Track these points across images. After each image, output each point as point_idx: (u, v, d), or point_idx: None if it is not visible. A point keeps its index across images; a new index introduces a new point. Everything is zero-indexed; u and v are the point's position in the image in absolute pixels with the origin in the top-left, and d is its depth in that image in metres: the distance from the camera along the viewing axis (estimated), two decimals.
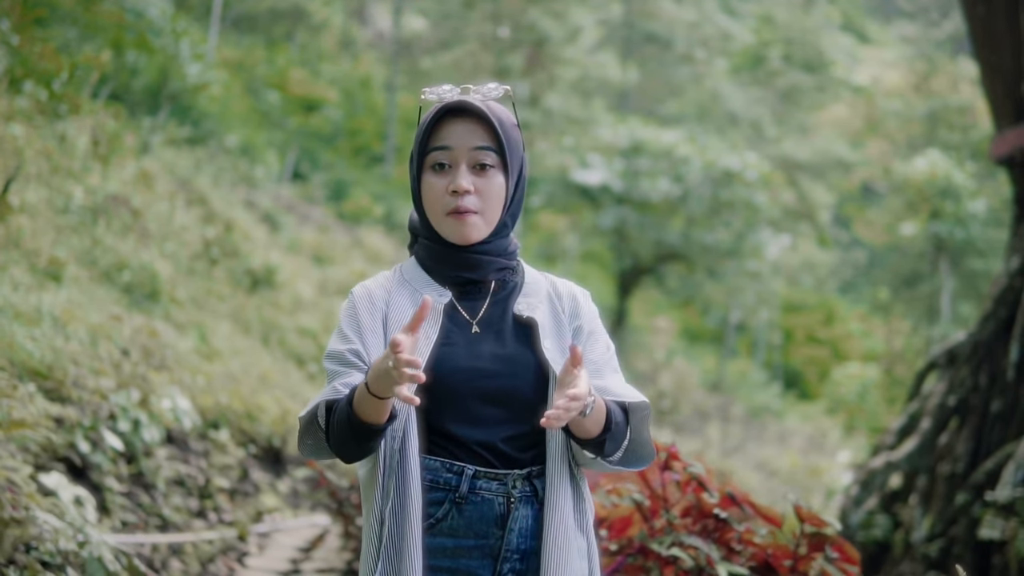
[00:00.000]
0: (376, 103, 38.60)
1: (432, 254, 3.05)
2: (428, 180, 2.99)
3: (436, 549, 2.90)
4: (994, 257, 35.13)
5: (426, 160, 3.00)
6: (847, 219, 48.70)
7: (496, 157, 3.00)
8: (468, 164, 2.98)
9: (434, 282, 3.05)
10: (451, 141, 2.98)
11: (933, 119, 40.54)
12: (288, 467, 11.49)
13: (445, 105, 3.01)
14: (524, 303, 3.05)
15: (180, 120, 21.30)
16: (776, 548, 4.46)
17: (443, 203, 2.97)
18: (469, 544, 2.92)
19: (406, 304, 2.98)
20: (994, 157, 14.45)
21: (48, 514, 5.14)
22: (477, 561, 2.93)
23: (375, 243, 25.43)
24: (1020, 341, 12.93)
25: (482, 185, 2.98)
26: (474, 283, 3.05)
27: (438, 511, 2.90)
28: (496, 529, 2.92)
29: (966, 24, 14.86)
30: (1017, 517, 11.13)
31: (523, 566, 2.95)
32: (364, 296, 3.03)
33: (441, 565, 2.91)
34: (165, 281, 12.56)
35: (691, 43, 45.17)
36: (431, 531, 2.89)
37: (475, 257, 3.02)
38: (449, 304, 3.01)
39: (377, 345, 2.93)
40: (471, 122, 3.00)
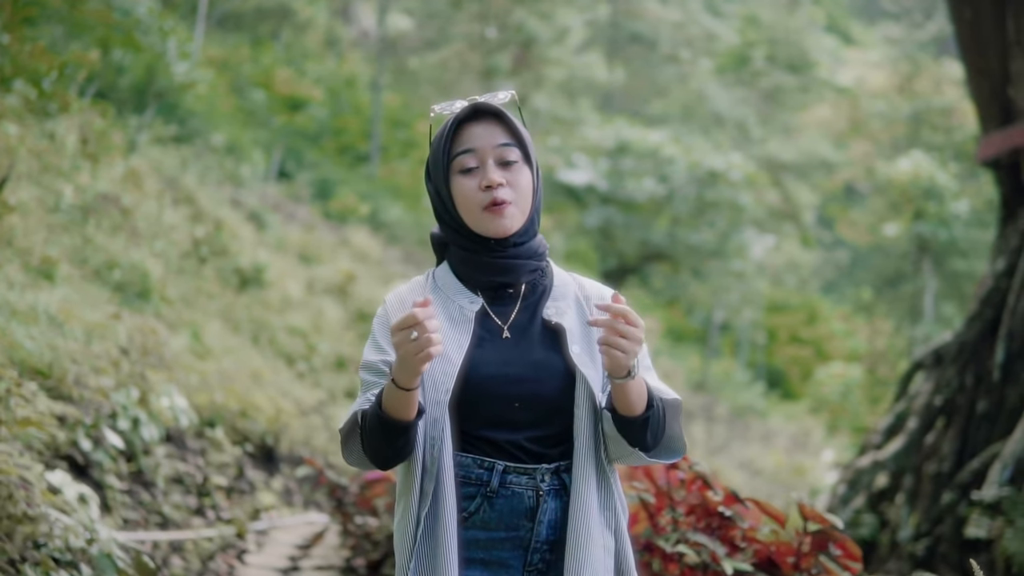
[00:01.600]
0: (361, 102, 38.57)
1: (466, 261, 3.13)
2: (459, 183, 3.09)
3: (470, 541, 3.00)
4: (977, 258, 35.25)
5: (453, 166, 3.10)
6: (830, 219, 48.80)
7: (519, 152, 3.10)
8: (495, 161, 3.07)
9: (466, 289, 3.13)
10: (474, 143, 3.08)
11: (917, 120, 40.64)
12: (281, 465, 11.54)
13: (462, 111, 3.12)
14: (553, 308, 3.13)
15: (166, 118, 21.27)
16: (779, 545, 4.52)
17: (478, 200, 3.05)
18: (500, 536, 3.02)
19: (439, 311, 3.06)
20: (981, 160, 14.53)
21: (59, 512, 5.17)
22: (509, 552, 3.03)
23: (361, 242, 25.44)
24: (1006, 342, 13.01)
25: (511, 178, 3.07)
26: (505, 287, 3.14)
27: (471, 505, 3.00)
28: (526, 521, 3.02)
29: (952, 27, 14.93)
30: (1003, 516, 11.20)
31: (552, 556, 3.04)
32: (397, 304, 3.13)
33: (475, 556, 3.01)
34: (155, 280, 12.58)
35: (676, 43, 45.27)
36: (464, 524, 3.00)
37: (509, 262, 3.11)
38: (481, 310, 3.10)
39: None
40: (489, 123, 3.12)
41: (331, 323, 17.70)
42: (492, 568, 3.03)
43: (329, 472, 8.18)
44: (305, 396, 13.90)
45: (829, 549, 4.47)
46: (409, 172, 37.30)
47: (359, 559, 7.95)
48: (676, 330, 42.48)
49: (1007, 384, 13.00)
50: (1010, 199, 14.14)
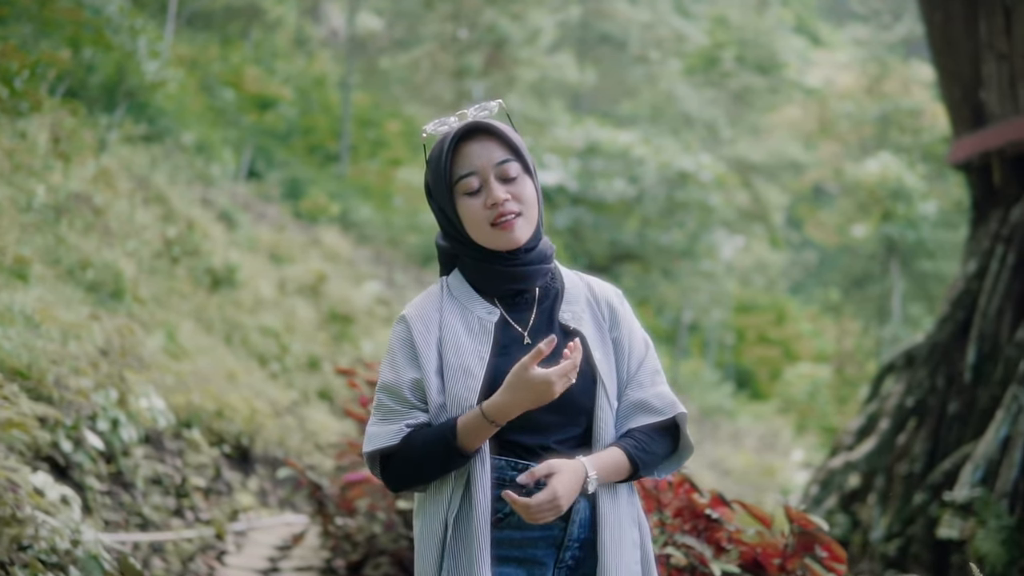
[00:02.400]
0: (330, 101, 38.51)
1: (481, 271, 3.25)
2: (465, 204, 3.18)
3: (505, 541, 3.12)
4: (944, 259, 35.45)
5: (456, 189, 3.20)
6: (799, 220, 48.99)
7: (519, 166, 3.20)
8: (497, 178, 3.17)
9: (481, 297, 3.23)
10: (474, 164, 3.18)
11: (885, 121, 40.82)
12: (256, 466, 11.52)
13: (456, 131, 3.19)
14: (569, 312, 3.26)
15: (136, 117, 21.18)
16: (765, 547, 4.55)
17: (485, 217, 3.16)
18: (535, 535, 3.13)
19: (458, 325, 3.19)
20: (952, 162, 14.63)
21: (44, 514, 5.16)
22: (542, 550, 3.14)
23: (332, 242, 25.39)
24: (977, 343, 13.10)
25: (515, 191, 3.18)
26: (520, 293, 3.24)
27: (506, 507, 3.09)
28: (560, 521, 3.12)
29: (924, 30, 15.03)
30: (975, 517, 11.28)
31: (582, 554, 3.16)
32: (418, 320, 3.22)
33: (510, 555, 3.12)
34: (128, 280, 12.53)
35: (645, 44, 45.37)
36: (500, 524, 3.11)
37: (523, 269, 3.22)
38: (500, 319, 3.20)
39: (432, 369, 3.13)
40: (485, 140, 3.20)
41: (303, 323, 17.67)
42: (526, 565, 3.14)
43: (310, 474, 8.18)
44: (278, 397, 13.88)
45: (815, 551, 4.50)
46: (378, 172, 37.26)
47: (339, 560, 7.95)
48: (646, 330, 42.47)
49: (978, 385, 13.10)
50: (981, 202, 14.24)
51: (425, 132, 3.28)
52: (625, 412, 3.27)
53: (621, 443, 3.20)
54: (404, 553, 7.09)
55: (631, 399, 3.27)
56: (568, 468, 3.03)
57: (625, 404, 3.27)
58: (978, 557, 11.05)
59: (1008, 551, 10.99)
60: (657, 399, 3.28)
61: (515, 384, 3.00)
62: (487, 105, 3.30)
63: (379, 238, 30.40)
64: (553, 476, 3.01)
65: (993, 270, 13.24)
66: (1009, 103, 13.52)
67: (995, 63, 13.76)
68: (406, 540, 7.05)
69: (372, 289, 23.47)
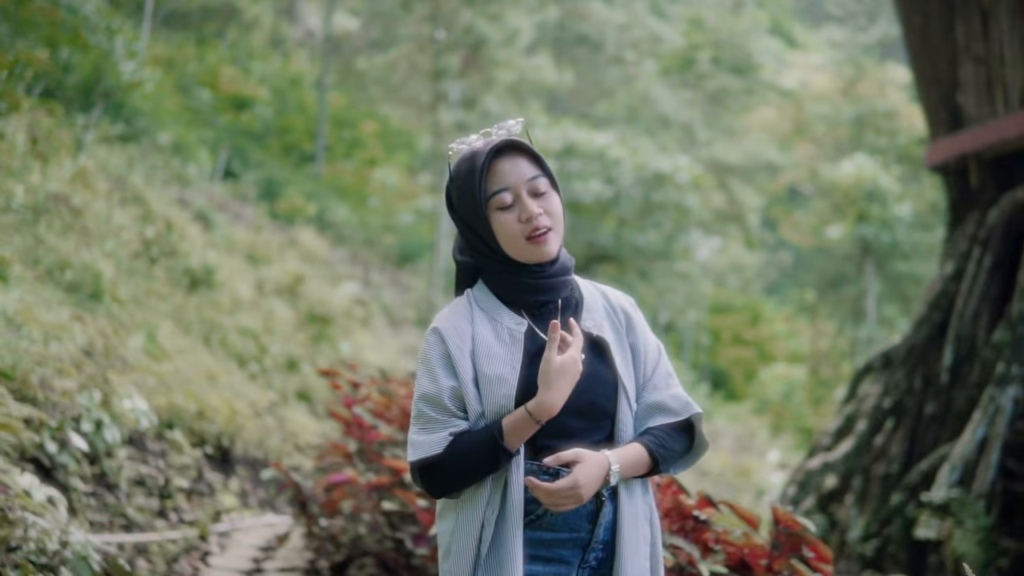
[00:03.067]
0: (306, 102, 38.43)
1: (508, 284, 3.40)
2: (499, 219, 3.34)
3: (536, 541, 3.28)
4: (919, 260, 35.57)
5: (490, 204, 3.34)
6: (774, 221, 49.09)
7: (547, 181, 3.37)
8: (528, 193, 3.33)
9: (508, 308, 3.39)
10: (507, 181, 3.34)
11: (860, 123, 40.93)
12: (236, 467, 11.51)
13: (489, 151, 3.33)
14: (591, 320, 3.45)
15: (113, 118, 21.10)
16: (752, 548, 4.59)
17: (519, 231, 3.32)
18: (564, 537, 3.30)
19: (488, 335, 3.35)
20: (929, 165, 14.69)
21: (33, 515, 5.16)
22: (569, 551, 3.31)
23: (309, 242, 25.36)
24: (954, 345, 13.18)
25: (545, 205, 3.35)
26: (545, 303, 3.40)
27: (538, 509, 3.26)
28: (587, 523, 3.31)
29: (902, 34, 15.09)
30: (952, 517, 11.34)
31: (604, 554, 3.33)
32: (452, 332, 3.36)
33: (538, 555, 3.27)
34: (107, 280, 12.50)
35: (621, 45, 45.38)
36: (531, 526, 3.27)
37: (549, 281, 3.39)
38: (528, 330, 3.35)
39: (468, 378, 3.28)
40: (514, 157, 3.37)
41: (281, 324, 17.65)
42: (553, 564, 3.29)
43: (295, 475, 8.20)
44: (258, 397, 13.87)
45: (802, 551, 4.54)
46: (354, 172, 37.20)
47: (323, 561, 7.97)
48: None
49: (955, 387, 13.18)
50: (958, 204, 14.32)
51: (451, 149, 3.45)
52: (643, 413, 3.44)
53: (642, 439, 3.37)
54: (388, 554, 7.11)
55: (648, 401, 3.45)
56: (592, 459, 3.21)
57: (643, 406, 3.45)
58: (955, 557, 11.11)
59: (985, 551, 11.07)
60: (673, 400, 3.46)
61: (549, 378, 3.18)
62: (510, 124, 3.46)
63: (355, 239, 30.38)
64: (577, 464, 3.18)
65: (970, 272, 13.32)
66: (986, 106, 13.60)
67: (972, 66, 13.84)
68: (391, 541, 7.08)
69: (349, 290, 23.46)
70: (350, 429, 8.13)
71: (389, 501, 6.76)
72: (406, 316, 27.42)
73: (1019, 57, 13.12)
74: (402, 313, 27.34)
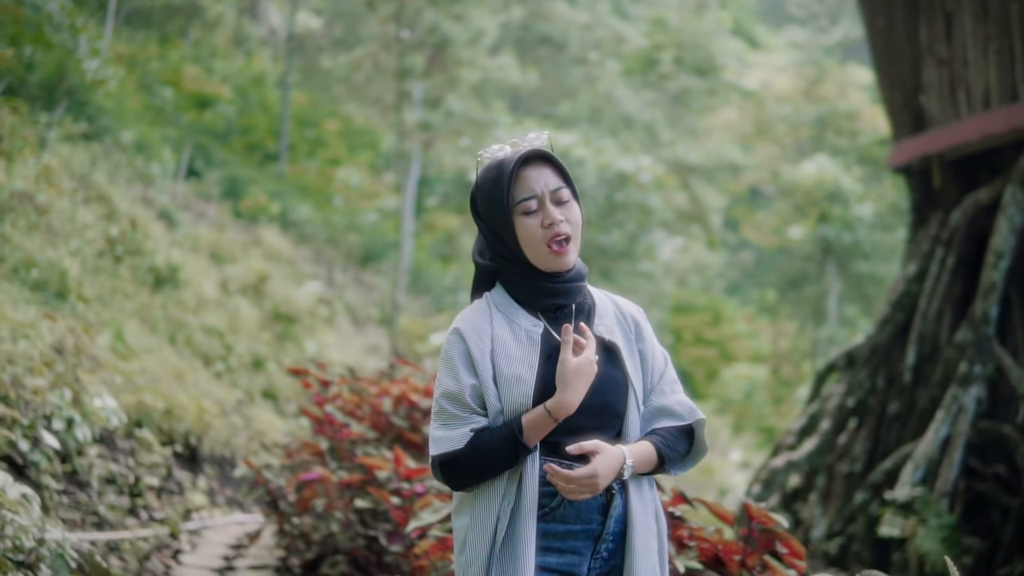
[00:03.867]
0: (269, 100, 38.34)
1: (527, 288, 3.57)
2: (523, 224, 3.50)
3: (549, 533, 3.43)
4: (880, 260, 35.77)
5: (516, 210, 3.51)
6: (735, 222, 49.24)
7: (569, 192, 3.56)
8: (552, 202, 3.51)
9: (525, 311, 3.55)
10: (533, 188, 3.51)
11: (821, 124, 41.16)
12: (203, 466, 11.51)
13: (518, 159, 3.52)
14: (603, 325, 3.62)
15: (76, 116, 21.00)
16: (725, 544, 4.65)
17: (542, 236, 3.48)
18: (576, 529, 3.45)
19: (507, 336, 3.51)
20: (892, 166, 14.80)
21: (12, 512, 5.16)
22: (581, 542, 3.46)
23: (273, 241, 25.31)
24: (917, 344, 13.29)
25: (567, 214, 3.52)
26: (560, 307, 3.56)
27: (552, 502, 3.42)
28: (599, 516, 3.46)
29: (866, 36, 15.20)
30: (916, 515, 11.44)
31: (615, 546, 3.49)
32: (472, 332, 3.52)
33: (552, 546, 3.43)
34: (72, 279, 12.46)
35: (584, 45, 45.44)
36: (545, 518, 3.43)
37: (565, 286, 3.56)
38: (544, 331, 3.51)
39: (488, 377, 3.45)
40: (541, 167, 3.55)
41: (247, 323, 17.63)
42: (566, 555, 3.45)
43: (267, 473, 8.22)
44: (224, 396, 13.86)
45: (775, 547, 4.60)
46: (317, 171, 37.15)
47: (294, 559, 7.99)
48: None
49: (918, 386, 13.29)
50: (921, 205, 14.43)
51: (480, 157, 3.65)
52: (649, 416, 3.62)
53: (651, 438, 3.55)
54: (360, 552, 7.14)
55: (655, 405, 3.63)
56: (610, 452, 3.38)
57: (649, 409, 3.62)
58: (919, 555, 11.21)
59: (948, 549, 11.16)
60: (679, 405, 3.63)
61: (567, 378, 3.36)
62: (531, 137, 3.63)
63: (318, 238, 30.34)
64: (597, 455, 3.34)
65: (933, 272, 13.43)
66: (949, 108, 13.72)
67: (936, 68, 13.96)
68: (363, 539, 7.11)
69: (313, 289, 23.44)
70: (321, 427, 8.17)
71: (361, 499, 6.78)
72: (369, 315, 27.41)
73: (982, 59, 13.24)
74: (365, 312, 27.33)
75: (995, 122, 12.86)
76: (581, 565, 3.46)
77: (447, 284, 35.05)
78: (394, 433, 7.81)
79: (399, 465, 6.36)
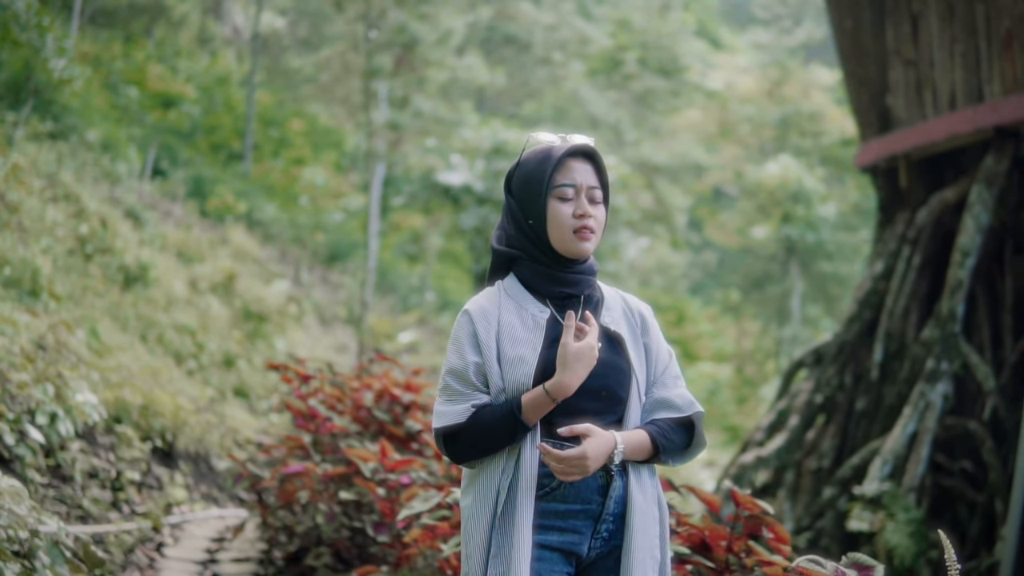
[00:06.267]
0: (234, 100, 38.26)
1: (538, 274, 3.75)
2: (556, 207, 3.70)
3: (549, 512, 3.57)
4: (843, 260, 35.98)
5: (553, 193, 3.71)
6: (699, 221, 49.41)
7: (602, 194, 3.79)
8: (586, 197, 3.73)
9: (534, 298, 3.71)
10: (575, 179, 3.73)
11: (785, 125, 41.35)
12: (179, 462, 11.54)
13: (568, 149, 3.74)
14: (609, 317, 3.80)
15: (42, 115, 20.95)
16: (712, 529, 4.75)
17: (571, 224, 3.68)
18: (576, 508, 3.59)
19: (514, 319, 3.68)
20: (859, 166, 14.95)
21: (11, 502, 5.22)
22: (581, 522, 3.60)
23: (240, 240, 25.29)
24: (884, 342, 13.44)
25: (597, 213, 3.74)
26: (568, 297, 3.73)
27: (552, 482, 3.57)
28: (598, 496, 3.60)
29: (833, 37, 15.34)
30: (884, 510, 11.58)
31: (615, 527, 3.63)
32: (480, 314, 3.70)
33: (553, 524, 3.57)
34: (44, 277, 12.46)
35: (549, 46, 45.50)
36: (545, 498, 3.57)
37: (575, 276, 3.75)
38: (550, 317, 3.67)
39: (492, 357, 3.61)
40: (584, 163, 3.77)
41: (217, 321, 17.64)
42: (567, 534, 3.58)
43: (251, 466, 8.29)
44: (196, 394, 13.89)
45: (761, 533, 4.71)
46: (282, 171, 37.10)
47: (277, 551, 8.06)
48: None
49: (885, 383, 13.44)
50: (888, 204, 14.59)
51: (529, 139, 3.85)
52: (650, 407, 3.77)
53: (647, 427, 3.69)
54: (343, 543, 7.22)
55: (656, 396, 3.78)
56: (601, 435, 3.51)
57: (650, 400, 3.77)
58: (887, 549, 11.36)
59: (916, 543, 11.32)
60: (679, 398, 3.78)
61: (567, 360, 3.51)
62: (587, 138, 3.82)
63: (284, 237, 30.31)
64: (588, 438, 3.48)
65: (899, 271, 13.58)
66: (915, 108, 13.88)
67: (902, 69, 14.12)
68: (347, 531, 7.19)
69: (281, 288, 23.45)
70: (303, 421, 8.25)
71: (346, 491, 6.86)
72: (337, 314, 27.42)
73: (948, 60, 13.40)
74: (332, 311, 27.34)
75: (961, 122, 13.01)
76: (582, 544, 3.59)
77: (413, 284, 35.09)
78: (377, 426, 7.90)
79: (385, 457, 6.44)
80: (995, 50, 12.70)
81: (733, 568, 4.70)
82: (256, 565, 8.20)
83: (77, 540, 5.91)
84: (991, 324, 12.92)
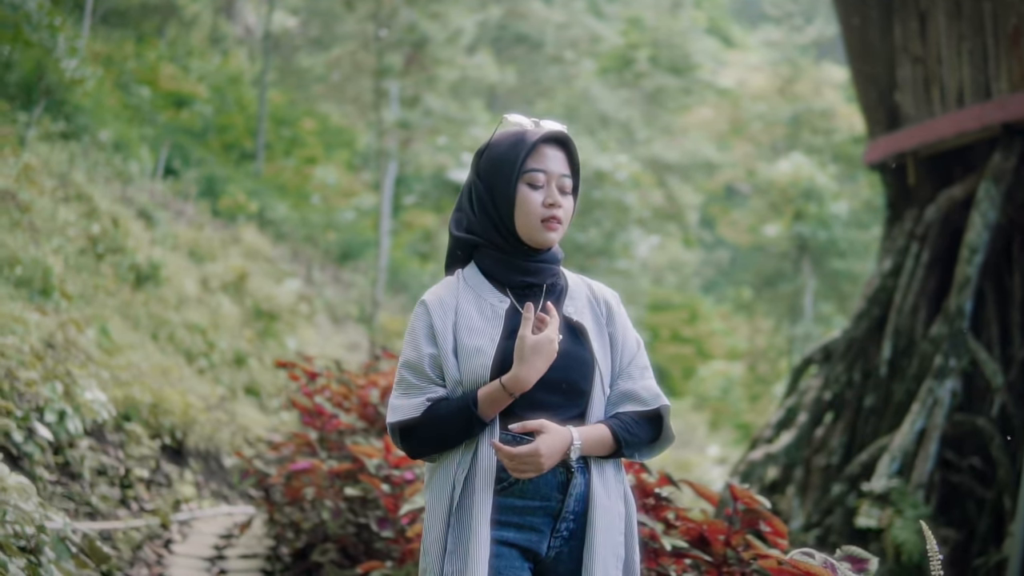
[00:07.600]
0: (246, 99, 38.32)
1: (499, 262, 3.62)
2: (525, 193, 3.57)
3: (507, 507, 3.45)
4: (855, 258, 35.92)
5: (523, 178, 3.57)
6: (711, 219, 49.37)
7: (572, 184, 3.65)
8: (556, 186, 3.59)
9: (495, 288, 3.60)
10: (547, 166, 3.58)
11: (796, 122, 41.29)
12: (189, 459, 11.60)
13: (543, 135, 3.59)
14: (572, 307, 3.65)
15: (54, 115, 21.02)
16: (710, 524, 4.78)
17: (539, 212, 3.55)
18: (535, 505, 3.47)
19: (472, 309, 3.56)
20: (868, 163, 14.95)
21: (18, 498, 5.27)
22: (540, 519, 3.48)
23: (251, 239, 25.35)
24: (892, 339, 13.45)
25: (564, 203, 3.60)
26: (530, 287, 3.61)
27: (510, 476, 3.42)
28: (558, 493, 3.48)
29: (841, 34, 15.35)
30: (893, 506, 11.60)
31: (575, 525, 3.50)
32: (436, 304, 3.58)
33: (510, 521, 3.45)
34: (56, 276, 12.52)
35: (560, 44, 45.49)
36: (503, 492, 3.45)
37: (537, 265, 3.62)
38: (510, 307, 3.56)
39: (449, 348, 3.50)
40: (557, 151, 3.63)
41: (228, 320, 17.71)
42: (524, 531, 3.47)
43: (258, 463, 8.35)
44: (207, 392, 13.95)
45: (759, 527, 4.73)
46: (294, 170, 37.16)
47: (284, 547, 8.11)
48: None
49: (893, 380, 13.44)
50: (896, 201, 14.59)
51: (504, 120, 3.70)
52: (615, 399, 3.62)
53: (608, 422, 3.55)
54: (349, 539, 7.26)
55: (621, 388, 3.63)
56: (556, 431, 3.38)
57: (615, 392, 3.63)
58: (895, 545, 11.37)
59: (924, 540, 11.31)
60: (644, 391, 3.63)
61: (524, 354, 3.37)
62: (559, 124, 3.67)
63: (296, 236, 30.38)
64: (541, 435, 3.35)
65: (908, 267, 13.59)
66: (923, 105, 13.89)
67: (910, 66, 14.12)
68: (353, 526, 7.23)
69: (293, 287, 23.51)
70: (310, 418, 8.29)
71: (351, 487, 6.90)
72: (348, 313, 27.48)
73: (956, 57, 13.41)
74: (344, 310, 27.39)
75: (969, 119, 13.01)
76: (541, 542, 3.48)
77: (425, 282, 35.09)
78: (382, 423, 7.92)
79: (389, 453, 6.48)
80: (1003, 47, 12.70)
81: (731, 562, 4.73)
82: (263, 561, 8.25)
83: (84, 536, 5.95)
84: (999, 321, 12.92)
